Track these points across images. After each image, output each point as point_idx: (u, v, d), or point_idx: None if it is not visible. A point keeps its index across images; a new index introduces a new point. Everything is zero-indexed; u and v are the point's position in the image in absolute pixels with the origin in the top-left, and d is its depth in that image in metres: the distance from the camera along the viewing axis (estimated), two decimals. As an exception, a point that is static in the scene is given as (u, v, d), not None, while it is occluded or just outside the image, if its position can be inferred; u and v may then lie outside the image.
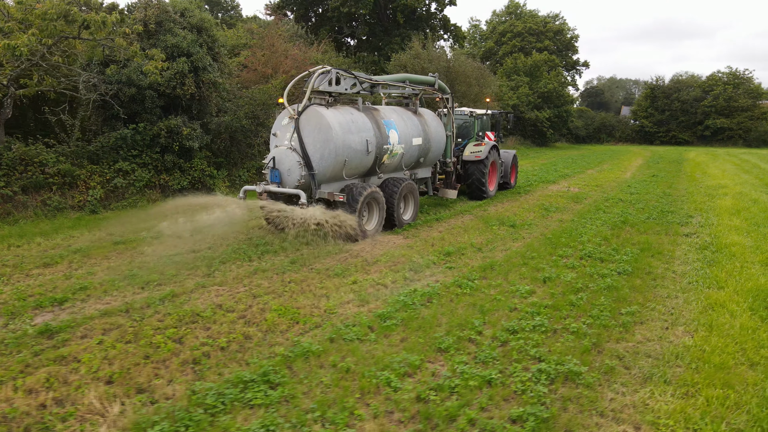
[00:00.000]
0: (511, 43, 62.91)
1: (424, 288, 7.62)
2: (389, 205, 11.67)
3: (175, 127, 14.10)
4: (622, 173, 24.84)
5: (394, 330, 6.18)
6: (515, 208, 14.97)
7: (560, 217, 13.59)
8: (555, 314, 6.70)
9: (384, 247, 10.17)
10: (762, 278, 8.13)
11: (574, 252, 9.93)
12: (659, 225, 12.50)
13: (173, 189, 14.24)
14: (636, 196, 17.10)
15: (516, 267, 8.84)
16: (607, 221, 12.86)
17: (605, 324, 6.39)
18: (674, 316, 6.75)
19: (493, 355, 5.47)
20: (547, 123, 44.87)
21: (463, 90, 30.25)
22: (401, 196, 11.99)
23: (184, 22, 15.05)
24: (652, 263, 9.24)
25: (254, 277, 8.10)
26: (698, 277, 8.41)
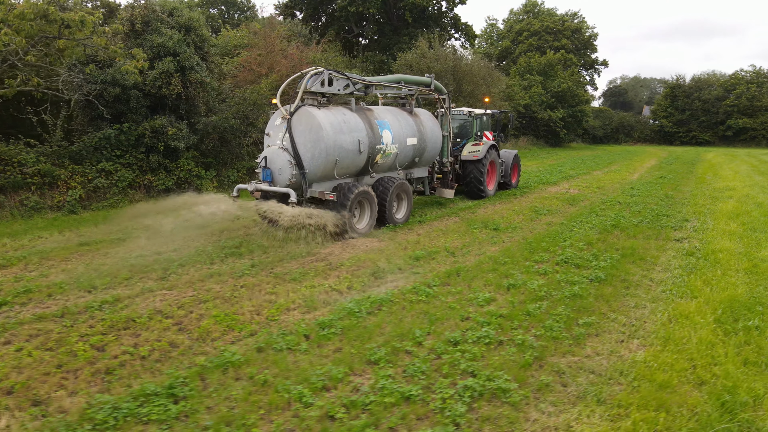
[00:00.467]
0: (527, 42, 62.16)
1: (379, 294, 7.33)
2: (381, 205, 11.76)
3: (160, 127, 14.01)
4: (630, 174, 24.20)
5: (330, 339, 5.91)
6: (506, 210, 14.58)
7: (549, 220, 13.18)
8: (506, 324, 6.36)
9: (354, 250, 9.90)
10: (740, 287, 7.68)
11: (551, 257, 9.55)
12: (651, 229, 12.02)
13: (158, 189, 14.15)
14: (636, 198, 16.56)
15: (484, 273, 8.50)
16: (597, 225, 12.41)
17: (556, 336, 6.04)
18: (634, 328, 6.37)
19: (422, 369, 5.17)
20: (561, 123, 44.10)
21: (470, 89, 29.85)
22: (394, 196, 12.05)
23: (172, 22, 14.97)
24: (630, 270, 8.83)
25: (208, 281, 7.91)
26: (673, 285, 7.98)
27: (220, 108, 15.97)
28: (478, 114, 17.21)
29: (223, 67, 19.95)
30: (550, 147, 44.92)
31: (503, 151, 18.67)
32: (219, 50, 22.63)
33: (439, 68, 29.06)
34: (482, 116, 17.35)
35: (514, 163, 18.67)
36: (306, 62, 19.82)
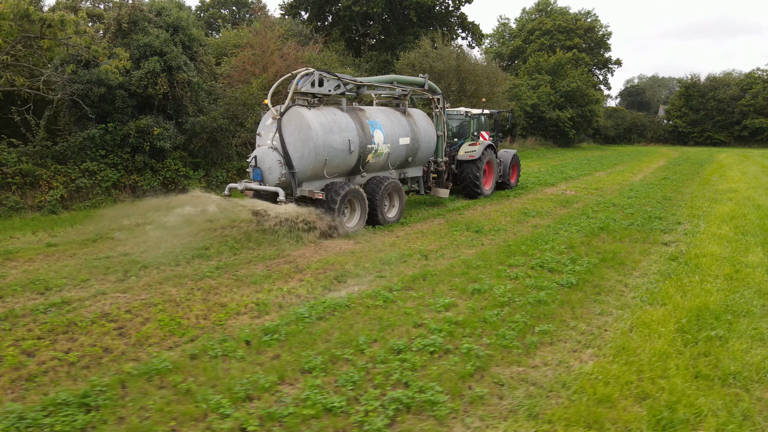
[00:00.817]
0: (539, 42, 61.59)
1: (336, 299, 7.14)
2: (372, 204, 11.84)
3: (145, 127, 13.96)
4: (633, 175, 23.72)
5: (271, 346, 5.73)
6: (495, 211, 14.30)
7: (537, 223, 12.88)
8: (458, 332, 6.13)
9: (326, 253, 9.72)
10: (714, 295, 7.36)
11: (527, 261, 9.28)
12: (640, 232, 11.67)
13: (143, 189, 14.10)
14: (632, 200, 16.17)
15: (451, 277, 8.26)
16: (585, 227, 12.09)
17: (506, 345, 5.80)
18: (591, 337, 6.10)
19: (354, 379, 4.96)
20: (569, 123, 43.51)
21: (473, 89, 29.52)
22: (385, 195, 12.13)
23: (160, 21, 14.91)
24: (606, 275, 8.54)
25: (166, 283, 7.77)
26: (646, 291, 7.68)
27: (209, 108, 15.87)
28: (475, 114, 17.19)
29: (222, 66, 19.90)
30: (558, 147, 44.36)
31: (502, 151, 18.67)
32: (218, 50, 22.62)
33: (441, 68, 28.80)
34: (479, 116, 17.27)
35: (513, 162, 18.58)
36: (301, 62, 19.69)
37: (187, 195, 12.03)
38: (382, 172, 12.80)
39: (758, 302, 7.18)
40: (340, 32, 35.55)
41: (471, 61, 29.89)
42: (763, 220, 12.64)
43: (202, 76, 15.90)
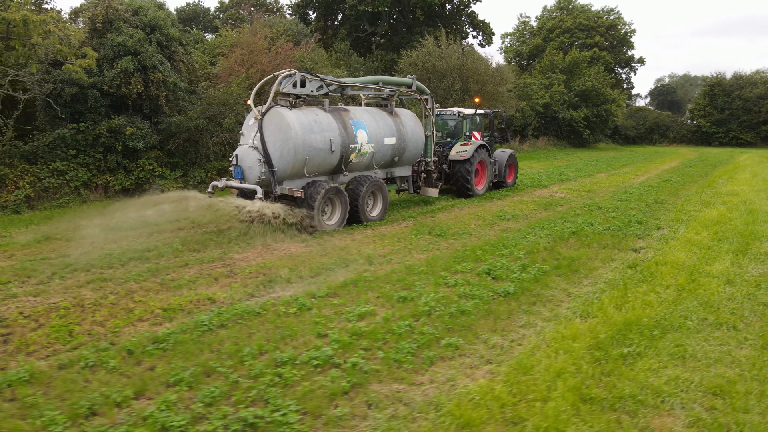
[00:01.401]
0: (558, 40, 60.48)
1: (249, 306, 6.86)
2: (354, 202, 12.01)
3: (117, 127, 13.91)
4: (636, 177, 22.90)
5: (153, 356, 5.48)
6: (470, 213, 13.85)
7: (508, 227, 12.42)
8: (357, 344, 5.79)
9: (271, 256, 9.47)
10: (653, 307, 6.87)
11: (475, 267, 8.86)
12: (613, 237, 11.12)
13: (115, 189, 14.06)
14: (621, 203, 15.52)
15: (384, 284, 7.91)
16: (556, 232, 11.57)
17: (400, 359, 5.44)
18: (498, 352, 5.70)
19: (214, 395, 4.67)
20: (583, 123, 42.47)
21: (477, 88, 28.98)
22: (367, 194, 12.29)
23: (136, 21, 14.85)
24: (552, 283, 8.08)
25: (87, 287, 7.60)
26: (584, 302, 7.22)
27: (189, 107, 15.77)
28: (468, 114, 17.04)
29: (217, 66, 19.84)
30: (572, 148, 43.35)
31: (498, 151, 18.53)
32: (216, 50, 22.59)
33: (444, 67, 28.36)
34: (472, 116, 17.12)
35: (510, 162, 18.52)
36: (290, 61, 19.49)
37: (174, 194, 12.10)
38: (367, 171, 12.86)
39: (699, 315, 6.68)
40: (347, 32, 35.34)
41: (474, 60, 29.30)
42: (747, 226, 11.95)
43: (180, 75, 15.80)
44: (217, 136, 15.84)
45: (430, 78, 28.78)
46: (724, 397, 4.78)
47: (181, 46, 16.21)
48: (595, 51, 59.13)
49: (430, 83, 28.82)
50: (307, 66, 19.70)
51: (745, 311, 6.93)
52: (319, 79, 11.88)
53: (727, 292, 7.64)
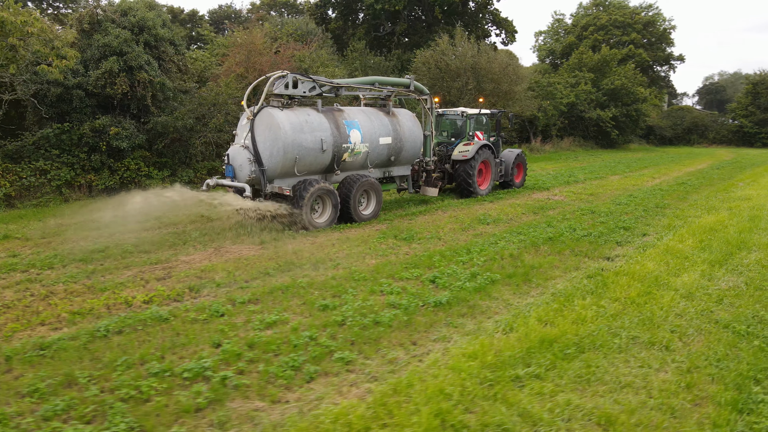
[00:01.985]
0: (592, 37, 58.84)
1: (161, 311, 6.65)
2: (346, 201, 12.22)
3: (100, 127, 14.01)
4: (651, 180, 21.86)
5: (29, 363, 5.32)
6: (451, 217, 13.37)
7: (484, 231, 11.92)
8: (247, 355, 5.49)
9: (218, 259, 9.28)
10: (583, 324, 6.34)
11: (422, 274, 8.45)
12: (591, 244, 10.51)
13: (99, 189, 14.17)
14: (621, 207, 14.75)
15: (315, 290, 7.59)
16: (531, 238, 11.01)
17: (278, 374, 5.12)
18: (389, 369, 5.32)
19: (55, 409, 4.45)
20: (611, 123, 41.04)
21: (491, 88, 28.31)
22: (358, 193, 12.47)
23: (125, 22, 14.95)
24: (496, 293, 7.62)
25: (13, 287, 7.55)
26: (514, 316, 6.74)
27: (176, 107, 15.79)
28: (472, 114, 16.94)
29: (222, 67, 19.88)
30: (600, 149, 42.00)
31: (506, 151, 18.51)
32: (224, 51, 22.66)
33: (457, 66, 27.80)
34: (476, 116, 16.97)
35: (518, 162, 18.50)
36: (288, 61, 19.36)
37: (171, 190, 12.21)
38: (362, 170, 13.02)
39: (632, 333, 6.12)
40: (365, 31, 35.11)
41: (489, 59, 28.60)
42: (741, 234, 11.12)
43: (170, 75, 15.83)
44: (205, 136, 15.80)
45: (443, 77, 28.28)
46: (608, 428, 4.28)
47: (173, 46, 16.23)
48: (630, 48, 57.35)
49: (443, 82, 28.34)
50: (308, 65, 19.52)
51: (690, 329, 6.34)
52: (311, 80, 12.07)
53: (680, 307, 7.02)
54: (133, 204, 11.36)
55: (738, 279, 8.27)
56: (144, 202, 11.17)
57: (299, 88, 11.81)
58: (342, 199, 12.16)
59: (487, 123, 17.56)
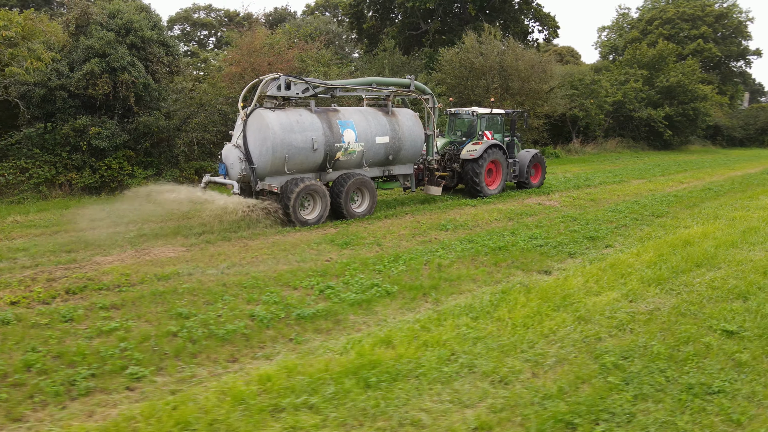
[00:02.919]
0: (657, 32, 55.65)
1: (6, 314, 6.55)
2: (337, 199, 12.55)
3: (81, 127, 14.39)
4: (676, 185, 20.11)
5: None
6: (412, 222, 12.75)
7: (435, 237, 11.28)
8: (50, 365, 5.28)
9: (134, 260, 9.19)
10: (424, 348, 5.70)
11: (322, 282, 7.98)
12: (540, 255, 9.69)
13: (79, 187, 14.58)
14: (611, 215, 13.56)
15: (190, 296, 7.31)
16: (479, 247, 10.18)
17: (47, 389, 4.86)
18: (170, 389, 4.94)
19: None
20: (664, 123, 38.42)
21: (518, 86, 27.14)
22: (350, 191, 12.77)
23: (112, 24, 15.29)
24: (377, 307, 7.12)
25: None
26: (366, 334, 6.18)
27: (163, 108, 16.02)
28: (483, 113, 16.91)
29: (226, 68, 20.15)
30: (652, 150, 39.48)
31: (523, 151, 18.39)
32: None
33: (481, 64, 26.85)
34: (487, 116, 16.93)
35: (535, 163, 18.38)
36: (286, 60, 19.27)
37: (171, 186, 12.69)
38: (357, 169, 13.27)
39: (472, 360, 5.45)
40: (398, 30, 34.64)
41: (516, 56, 27.42)
42: (717, 248, 9.90)
43: (156, 76, 16.07)
44: (188, 136, 15.93)
45: (467, 76, 27.42)
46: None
47: (164, 47, 16.47)
48: (699, 43, 53.76)
49: (467, 81, 27.47)
50: (302, 66, 19.37)
51: (552, 359, 5.57)
52: (304, 82, 12.43)
53: (563, 332, 6.22)
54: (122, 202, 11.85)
55: (667, 300, 7.30)
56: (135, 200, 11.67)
57: (292, 90, 12.23)
58: (334, 197, 12.50)
59: (500, 123, 17.43)
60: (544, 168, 18.83)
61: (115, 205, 13.17)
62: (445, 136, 17.67)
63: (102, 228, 11.44)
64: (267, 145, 11.53)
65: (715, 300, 7.32)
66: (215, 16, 59.05)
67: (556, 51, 66.40)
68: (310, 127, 12.10)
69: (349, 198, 12.73)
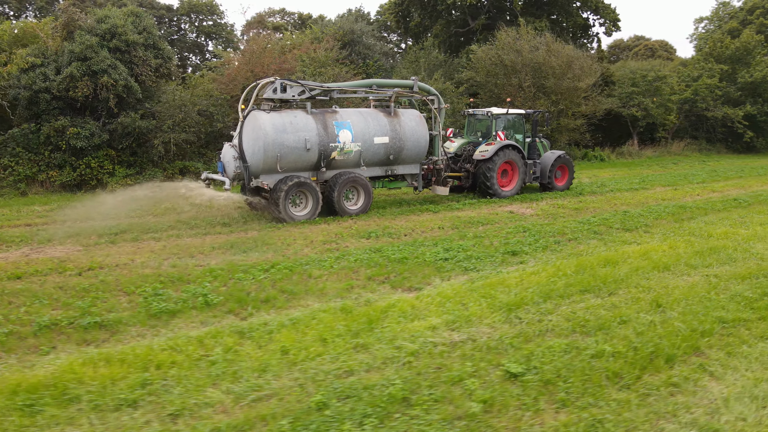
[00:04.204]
0: (758, 22, 50.26)
1: None
2: (330, 197, 13.11)
3: (60, 128, 15.18)
4: (709, 194, 17.77)
5: None
6: (344, 228, 12.20)
7: (348, 245, 10.77)
8: None
9: (23, 258, 9.46)
10: (151, 371, 5.28)
11: (158, 289, 7.76)
12: (433, 269, 8.99)
13: (56, 185, 15.41)
14: (579, 226, 12.20)
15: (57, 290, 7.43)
16: (378, 257, 9.60)
17: None
18: None
19: None
20: (744, 123, 34.44)
21: (552, 84, 25.44)
22: (343, 189, 13.26)
23: (98, 29, 16.00)
24: (177, 317, 6.77)
25: None
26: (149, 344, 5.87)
27: (146, 108, 16.56)
28: (498, 114, 16.74)
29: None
30: (731, 153, 35.56)
31: (548, 153, 17.94)
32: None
33: (511, 61, 25.46)
34: (503, 116, 16.76)
35: (560, 165, 17.87)
36: (284, 62, 19.27)
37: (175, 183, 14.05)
38: (356, 168, 13.66)
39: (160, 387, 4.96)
40: (441, 28, 33.73)
41: (550, 52, 25.68)
42: (636, 271, 8.53)
43: (140, 78, 16.61)
44: (165, 136, 16.36)
45: (497, 74, 26.12)
46: None
47: (154, 50, 17.01)
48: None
49: (497, 80, 26.18)
50: (299, 69, 19.32)
51: (264, 392, 4.96)
52: (299, 85, 13.04)
53: (316, 362, 5.54)
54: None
55: (496, 331, 6.35)
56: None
57: (288, 93, 12.80)
58: (328, 195, 13.08)
59: (519, 123, 17.21)
60: (572, 170, 18.28)
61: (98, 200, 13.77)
62: (465, 136, 17.53)
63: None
64: (259, 144, 12.18)
65: (551, 333, 6.26)
66: (289, 19, 60.73)
67: (647, 45, 62.07)
68: (304, 127, 12.66)
69: (341, 196, 13.21)
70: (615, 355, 5.58)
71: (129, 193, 13.36)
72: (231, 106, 18.83)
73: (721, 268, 8.75)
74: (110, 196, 13.85)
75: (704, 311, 6.76)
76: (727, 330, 6.29)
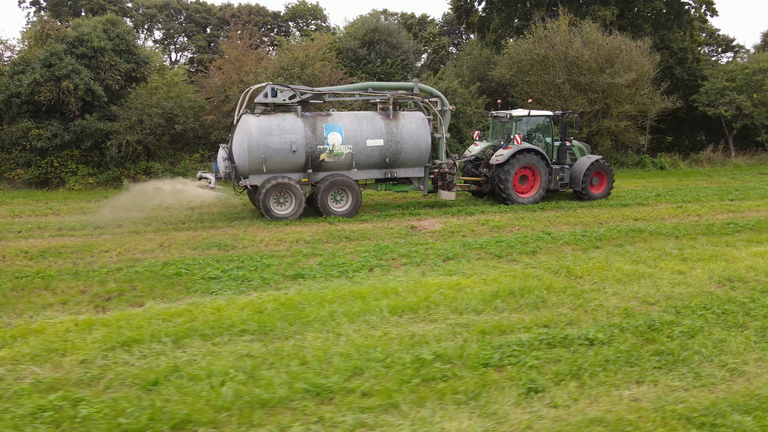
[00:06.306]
0: None
1: None
2: (316, 197, 13.53)
3: (25, 129, 16.52)
4: (721, 214, 14.38)
5: None
6: (274, 234, 11.97)
7: (225, 255, 10.36)
8: None
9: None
10: None
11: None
12: (181, 287, 8.34)
13: (20, 181, 16.83)
14: (547, 243, 10.73)
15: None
16: (176, 271, 9.08)
17: None
18: None
19: None
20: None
21: (586, 81, 22.38)
22: (328, 191, 13.56)
23: (68, 37, 17.15)
24: None
25: None
26: None
27: (113, 111, 17.49)
28: (518, 116, 15.84)
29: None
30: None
31: (584, 158, 16.46)
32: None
33: (542, 55, 22.88)
34: (524, 118, 15.92)
35: (597, 171, 16.37)
36: (272, 65, 19.26)
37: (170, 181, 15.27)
38: (347, 171, 13.80)
39: None
40: (501, 21, 31.32)
41: (585, 43, 22.53)
42: (347, 313, 7.00)
43: (106, 83, 17.51)
44: (122, 137, 17.08)
45: (529, 71, 23.63)
46: None
47: (124, 55, 17.86)
48: None
49: (529, 76, 23.67)
50: (288, 71, 19.14)
51: None
52: (290, 89, 13.46)
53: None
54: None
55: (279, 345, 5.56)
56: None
57: (278, 97, 13.28)
58: (314, 196, 13.52)
59: (544, 125, 16.22)
60: (611, 176, 16.66)
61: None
62: (489, 139, 16.81)
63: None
64: (244, 146, 12.84)
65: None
66: (394, 19, 60.70)
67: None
68: (291, 130, 13.08)
69: (327, 197, 13.51)
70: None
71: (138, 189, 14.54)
72: (216, 107, 19.14)
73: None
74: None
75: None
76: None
